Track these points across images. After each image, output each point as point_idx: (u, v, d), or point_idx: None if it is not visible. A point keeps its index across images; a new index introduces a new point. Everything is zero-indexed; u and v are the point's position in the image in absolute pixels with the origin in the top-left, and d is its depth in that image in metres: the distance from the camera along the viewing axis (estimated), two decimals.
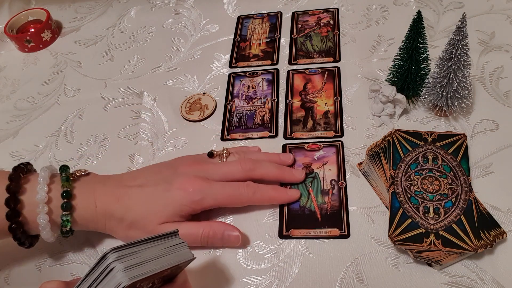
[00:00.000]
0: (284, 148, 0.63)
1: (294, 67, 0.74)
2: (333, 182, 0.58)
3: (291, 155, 0.61)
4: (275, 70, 0.74)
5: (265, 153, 0.61)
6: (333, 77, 0.71)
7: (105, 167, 0.66)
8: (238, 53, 0.78)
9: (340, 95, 0.68)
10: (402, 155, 0.55)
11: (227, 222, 0.57)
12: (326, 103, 0.67)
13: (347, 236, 0.53)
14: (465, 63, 0.55)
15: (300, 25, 0.80)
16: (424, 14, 0.58)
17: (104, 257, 0.36)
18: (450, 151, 0.55)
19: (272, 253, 0.53)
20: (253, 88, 0.72)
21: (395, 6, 0.79)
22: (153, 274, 0.37)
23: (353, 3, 0.82)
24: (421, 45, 0.59)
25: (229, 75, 0.75)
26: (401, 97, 0.61)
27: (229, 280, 0.52)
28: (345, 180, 0.58)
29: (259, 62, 0.76)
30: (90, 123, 0.73)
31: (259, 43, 0.79)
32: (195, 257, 0.43)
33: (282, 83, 0.72)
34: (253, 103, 0.70)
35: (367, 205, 0.55)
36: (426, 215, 0.50)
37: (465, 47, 0.54)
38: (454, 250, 0.47)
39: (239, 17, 0.85)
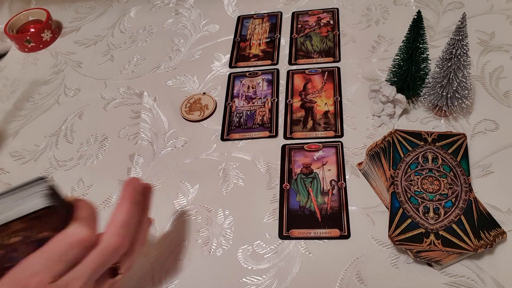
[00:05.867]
0: (284, 148, 0.63)
1: (294, 67, 0.74)
2: (333, 182, 0.58)
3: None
4: (275, 70, 0.74)
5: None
6: (333, 77, 0.71)
7: (105, 167, 0.66)
8: (238, 53, 0.78)
9: (340, 95, 0.68)
10: (402, 155, 0.55)
11: (227, 222, 0.57)
12: (326, 103, 0.67)
13: (347, 236, 0.53)
14: (465, 63, 0.55)
15: (300, 25, 0.80)
16: (424, 14, 0.58)
17: None
18: (450, 151, 0.54)
19: (272, 253, 0.53)
20: (253, 88, 0.72)
21: (395, 6, 0.79)
22: None
23: (353, 3, 0.82)
24: (421, 45, 0.59)
25: (229, 75, 0.75)
26: (401, 97, 0.61)
27: (229, 280, 0.52)
28: (344, 181, 0.58)
29: (259, 62, 0.76)
30: (90, 123, 0.73)
31: (259, 43, 0.79)
32: (53, 205, 0.36)
33: (282, 83, 0.72)
34: (253, 103, 0.70)
35: (367, 205, 0.55)
36: (426, 215, 0.50)
37: (465, 47, 0.54)
38: (454, 250, 0.47)
39: (239, 17, 0.85)
